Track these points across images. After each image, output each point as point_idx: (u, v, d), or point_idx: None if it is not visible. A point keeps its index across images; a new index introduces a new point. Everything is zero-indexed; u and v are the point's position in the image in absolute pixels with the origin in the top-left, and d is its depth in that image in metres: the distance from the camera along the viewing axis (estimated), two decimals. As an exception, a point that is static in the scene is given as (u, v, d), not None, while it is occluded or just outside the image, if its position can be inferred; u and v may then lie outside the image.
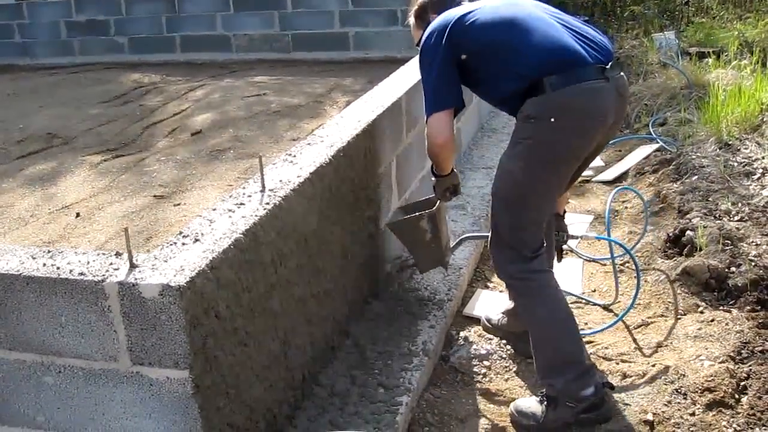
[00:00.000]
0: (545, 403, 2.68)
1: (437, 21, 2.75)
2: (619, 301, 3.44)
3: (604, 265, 3.87)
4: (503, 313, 3.20)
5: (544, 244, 2.80)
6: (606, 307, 3.44)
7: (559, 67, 2.54)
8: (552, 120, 2.54)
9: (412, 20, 3.09)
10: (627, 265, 3.79)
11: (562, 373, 2.67)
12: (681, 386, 2.68)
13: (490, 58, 2.66)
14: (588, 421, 2.66)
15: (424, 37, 2.77)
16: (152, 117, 7.20)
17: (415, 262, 3.33)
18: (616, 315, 3.33)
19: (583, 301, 3.51)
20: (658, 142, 5.28)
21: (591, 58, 2.57)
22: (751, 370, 2.73)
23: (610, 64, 2.61)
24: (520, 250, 2.72)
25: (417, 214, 3.11)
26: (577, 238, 3.43)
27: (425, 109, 2.73)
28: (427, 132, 2.75)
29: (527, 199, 2.69)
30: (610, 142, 5.54)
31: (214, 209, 2.29)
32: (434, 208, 3.08)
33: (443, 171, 2.94)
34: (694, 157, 4.74)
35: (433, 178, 3.01)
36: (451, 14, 2.72)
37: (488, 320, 3.27)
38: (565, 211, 3.18)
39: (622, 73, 2.69)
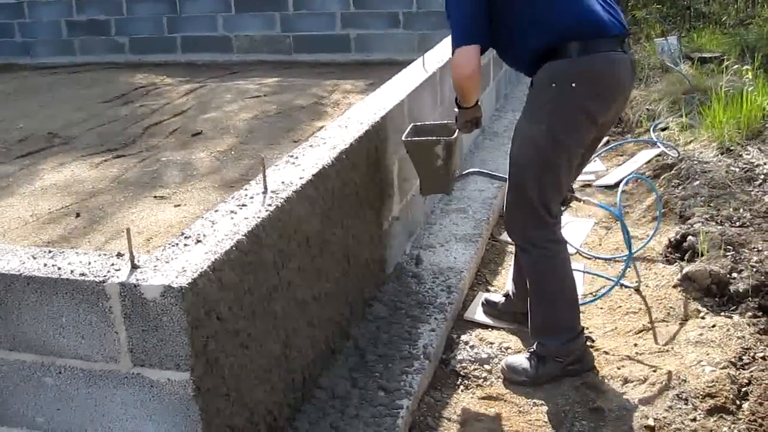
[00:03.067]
0: (535, 359, 2.90)
1: None
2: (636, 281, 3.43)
3: (606, 263, 3.87)
4: (504, 295, 3.34)
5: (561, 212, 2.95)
6: (637, 289, 3.52)
7: (585, 35, 2.65)
8: (573, 85, 2.64)
9: None
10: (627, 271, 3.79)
11: (556, 336, 2.89)
12: (682, 392, 2.68)
13: (524, 6, 2.70)
14: (574, 372, 2.90)
15: None
16: (152, 117, 7.19)
17: (420, 185, 3.28)
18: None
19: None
20: (660, 147, 5.28)
21: (614, 30, 2.70)
22: (752, 376, 2.72)
23: (624, 37, 2.75)
24: (542, 215, 2.81)
25: (435, 138, 3.06)
26: (580, 200, 3.30)
27: (452, 42, 2.73)
28: (453, 64, 2.75)
29: (550, 162, 2.76)
30: (611, 146, 5.59)
31: (216, 210, 2.28)
32: (453, 136, 3.03)
33: (467, 103, 2.93)
34: (695, 162, 4.74)
35: (456, 109, 3.01)
36: None
37: (490, 303, 3.35)
38: None
39: (631, 51, 2.83)
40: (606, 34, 2.67)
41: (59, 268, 1.93)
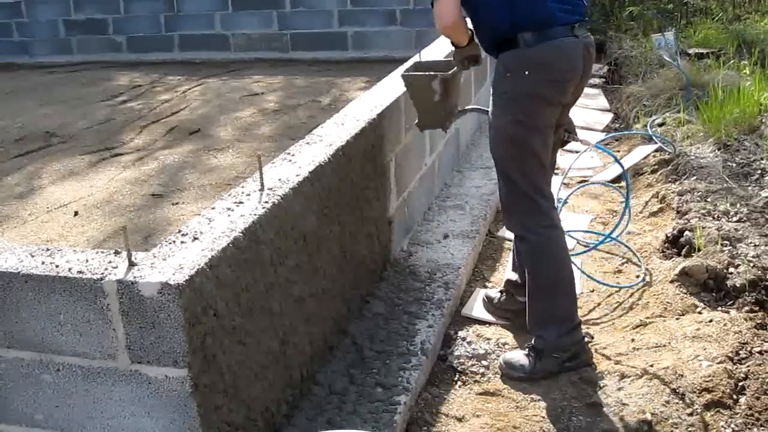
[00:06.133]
0: (533, 354, 2.91)
1: None
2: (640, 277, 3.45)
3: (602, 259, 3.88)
4: (501, 291, 3.36)
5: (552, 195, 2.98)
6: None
7: (532, 26, 2.72)
8: (526, 73, 2.73)
9: None
10: (625, 265, 3.80)
11: (554, 328, 2.90)
12: (679, 386, 2.68)
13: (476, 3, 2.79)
14: (571, 368, 2.91)
15: None
16: (150, 116, 7.20)
17: (417, 119, 3.30)
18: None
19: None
20: (656, 143, 5.28)
21: (565, 19, 2.75)
22: (749, 370, 2.73)
23: (578, 24, 2.80)
24: (535, 199, 2.86)
25: (431, 73, 3.09)
26: (578, 140, 3.25)
27: None
28: (434, 16, 2.78)
29: (525, 147, 2.82)
30: (609, 136, 5.59)
31: (213, 208, 2.29)
32: (449, 72, 3.07)
33: (460, 44, 2.97)
34: (692, 157, 4.74)
35: (452, 48, 3.04)
36: None
37: (489, 299, 3.39)
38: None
39: (589, 34, 2.89)
40: (556, 23, 2.73)
41: (57, 266, 1.94)
